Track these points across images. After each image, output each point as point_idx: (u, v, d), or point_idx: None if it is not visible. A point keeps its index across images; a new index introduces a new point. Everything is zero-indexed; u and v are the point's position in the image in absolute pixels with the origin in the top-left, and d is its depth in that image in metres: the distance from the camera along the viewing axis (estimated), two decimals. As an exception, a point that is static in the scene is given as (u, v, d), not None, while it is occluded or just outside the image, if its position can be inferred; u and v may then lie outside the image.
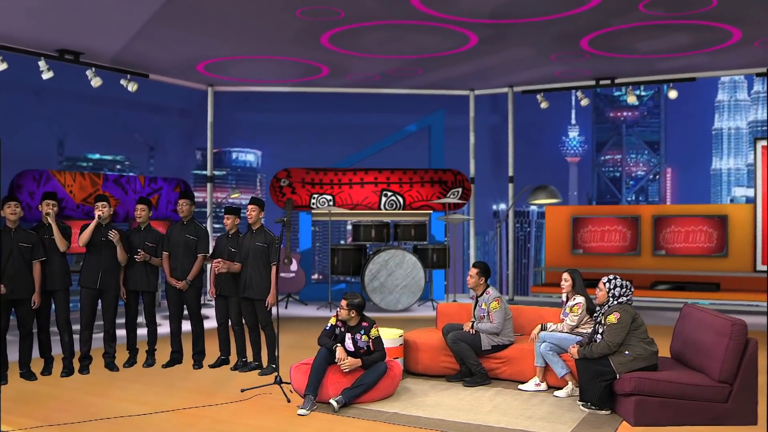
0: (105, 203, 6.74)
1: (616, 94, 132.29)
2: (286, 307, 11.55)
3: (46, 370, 6.58)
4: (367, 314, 6.00)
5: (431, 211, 12.55)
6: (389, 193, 12.66)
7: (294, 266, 11.87)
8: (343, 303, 5.79)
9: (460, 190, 12.62)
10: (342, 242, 12.89)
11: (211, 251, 7.09)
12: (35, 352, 6.58)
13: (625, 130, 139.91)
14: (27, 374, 6.41)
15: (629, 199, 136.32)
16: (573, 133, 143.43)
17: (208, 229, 11.93)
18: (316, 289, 12.58)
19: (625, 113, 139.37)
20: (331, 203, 12.47)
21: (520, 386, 6.19)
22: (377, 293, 11.04)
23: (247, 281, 6.69)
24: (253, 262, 6.67)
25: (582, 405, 5.48)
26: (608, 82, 11.98)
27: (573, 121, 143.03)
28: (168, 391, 6.06)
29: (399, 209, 12.58)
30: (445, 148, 14.25)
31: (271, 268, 6.67)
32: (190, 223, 7.05)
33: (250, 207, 6.78)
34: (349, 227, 12.09)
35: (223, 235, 7.03)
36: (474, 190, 13.05)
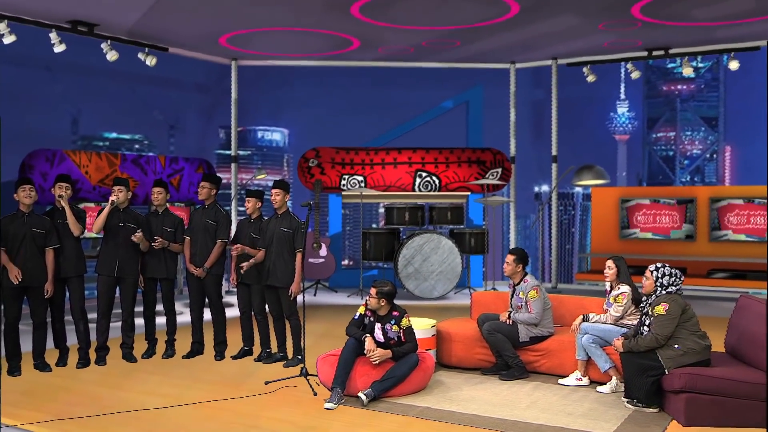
0: (122, 187, 6.77)
1: (670, 65, 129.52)
2: (314, 295, 11.58)
3: (61, 362, 6.65)
4: (400, 302, 5.96)
5: (469, 193, 12.50)
6: (424, 174, 12.60)
7: (323, 251, 11.88)
8: (373, 291, 5.76)
9: (499, 170, 12.52)
10: (374, 226, 12.90)
11: (232, 237, 7.10)
12: (49, 343, 6.65)
13: (679, 104, 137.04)
14: (41, 365, 6.48)
15: (683, 180, 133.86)
16: (622, 109, 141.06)
17: (233, 212, 12.00)
18: (347, 276, 12.59)
19: (679, 87, 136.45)
20: (362, 185, 12.44)
21: (560, 381, 6.12)
22: (411, 280, 11.02)
23: (271, 268, 6.69)
24: (278, 248, 6.67)
25: (627, 402, 5.37)
26: (661, 52, 11.66)
27: (622, 96, 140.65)
28: (189, 384, 6.09)
29: (434, 191, 12.53)
30: (483, 126, 14.17)
31: (296, 255, 6.66)
32: (212, 207, 7.06)
33: (274, 191, 6.76)
34: (382, 210, 12.09)
35: (244, 220, 7.03)
36: (514, 170, 12.92)
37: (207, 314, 7.22)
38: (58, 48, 9.75)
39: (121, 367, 6.67)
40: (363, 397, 5.41)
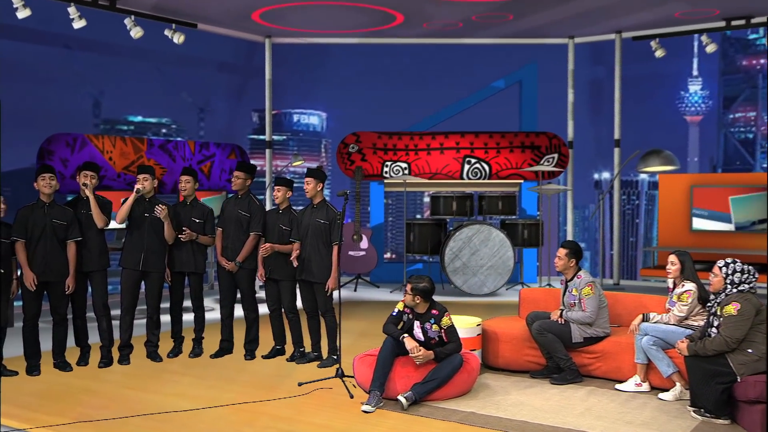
0: (148, 176, 6.85)
1: (752, 37, 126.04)
2: (355, 290, 11.61)
3: (83, 360, 6.77)
4: (446, 299, 5.93)
5: (522, 181, 12.41)
6: (473, 160, 12.53)
7: (364, 244, 11.90)
8: (408, 287, 5.77)
9: (555, 156, 12.40)
10: (418, 216, 12.88)
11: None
12: (70, 341, 6.78)
13: (761, 81, 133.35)
14: (61, 364, 6.61)
15: (765, 165, 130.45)
16: (694, 87, 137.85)
17: (267, 202, 12.09)
18: (389, 270, 12.60)
19: (761, 61, 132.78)
20: (406, 172, 12.41)
21: (618, 386, 6.04)
22: (459, 275, 10.98)
23: (306, 262, 6.72)
24: (313, 240, 6.70)
25: (693, 411, 5.25)
26: (742, 22, 11.30)
27: (695, 73, 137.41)
28: (220, 385, 6.15)
29: (484, 178, 12.47)
30: (538, 108, 13.99)
31: (332, 248, 6.67)
32: (245, 198, 7.10)
33: (306, 179, 6.78)
34: (427, 199, 12.06)
35: (272, 210, 7.07)
36: (572, 156, 12.77)
37: (238, 311, 7.30)
38: (78, 24, 9.82)
39: (146, 367, 6.77)
40: (403, 400, 5.42)
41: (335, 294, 6.72)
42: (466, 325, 6.43)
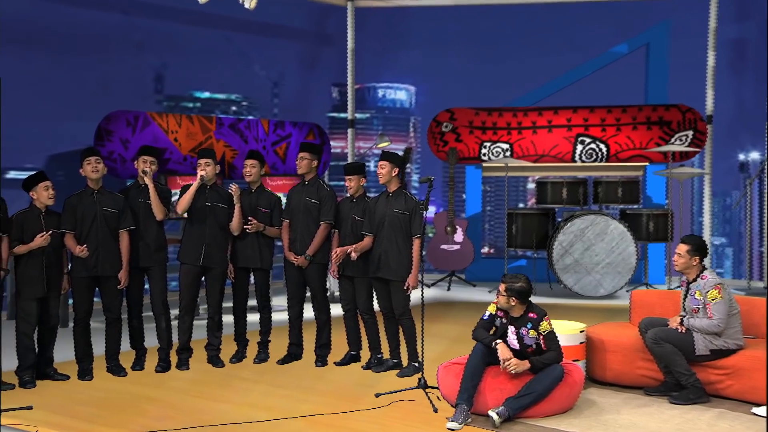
0: (209, 160, 7.05)
1: None
2: (448, 289, 11.68)
3: (138, 365, 7.04)
4: (554, 301, 5.92)
5: (647, 163, 12.30)
6: (587, 140, 12.43)
7: (459, 236, 11.95)
8: (502, 287, 5.78)
9: (690, 133, 12.21)
10: (521, 205, 12.84)
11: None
12: (125, 343, 7.04)
13: None
14: (115, 369, 6.89)
15: None
16: None
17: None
18: (487, 267, 12.63)
19: None
20: (507, 154, 12.39)
21: (754, 410, 5.88)
22: (570, 273, 10.93)
23: (382, 258, 6.80)
24: (390, 233, 6.77)
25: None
26: None
27: None
28: (296, 394, 6.31)
29: (601, 161, 12.37)
30: (669, 76, 13.70)
31: (412, 242, 6.74)
32: (313, 184, 7.22)
33: (381, 163, 6.85)
34: (532, 185, 12.05)
35: (345, 200, 7.18)
36: (711, 132, 12.46)
37: (307, 311, 7.45)
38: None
39: (212, 373, 6.98)
40: (494, 416, 5.43)
41: (415, 294, 6.78)
42: (567, 332, 6.40)
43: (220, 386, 6.56)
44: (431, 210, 7.47)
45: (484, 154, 12.48)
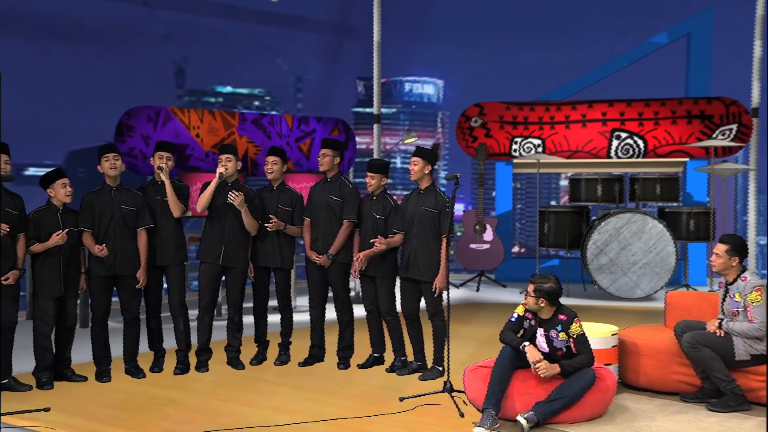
0: (231, 156, 7.13)
1: None
2: (477, 290, 11.71)
3: (156, 366, 7.14)
4: (588, 303, 5.93)
5: (687, 159, 12.25)
6: (624, 135, 12.40)
7: (488, 235, 11.96)
8: (530, 288, 5.79)
9: (734, 127, 12.20)
10: (554, 203, 12.83)
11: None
12: (143, 344, 7.13)
13: None
14: (133, 370, 6.98)
15: None
16: None
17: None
18: (518, 267, 12.64)
19: None
20: (539, 149, 12.37)
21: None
22: (605, 274, 10.91)
23: (411, 258, 6.84)
24: (419, 232, 6.82)
25: None
26: None
27: None
28: (320, 398, 6.36)
29: (638, 157, 12.33)
30: (712, 67, 13.64)
31: (440, 242, 6.78)
32: (335, 181, 7.28)
33: (414, 159, 6.91)
34: (565, 182, 12.07)
35: (366, 197, 7.23)
36: (758, 126, 12.38)
37: (329, 312, 7.51)
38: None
39: (231, 375, 7.06)
40: (523, 421, 5.44)
41: (443, 294, 6.80)
42: (599, 335, 6.39)
43: (243, 389, 6.63)
44: (459, 208, 7.49)
45: (515, 150, 12.47)
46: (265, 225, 7.19)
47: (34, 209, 6.57)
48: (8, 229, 6.19)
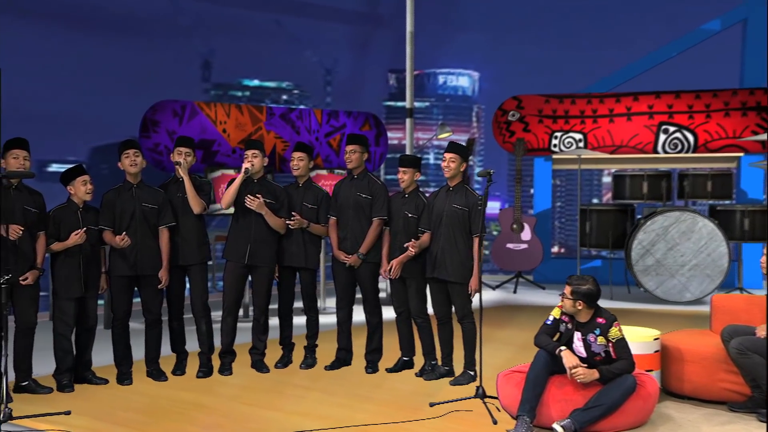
0: (257, 151, 7.21)
1: None
2: (514, 292, 11.72)
3: (179, 369, 7.23)
4: (631, 306, 5.92)
5: (741, 154, 12.18)
6: (672, 128, 12.34)
7: (526, 234, 11.96)
8: (567, 289, 5.78)
9: (792, 120, 11.98)
10: (596, 201, 12.82)
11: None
12: (164, 346, 7.22)
13: None
14: (155, 373, 7.09)
15: None
16: None
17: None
18: (558, 267, 12.62)
19: None
20: (581, 144, 12.35)
21: None
22: (651, 275, 10.87)
23: (439, 257, 6.87)
24: (448, 231, 6.85)
25: None
26: None
27: None
28: (351, 403, 6.42)
29: (687, 151, 12.25)
30: (770, 56, 13.51)
31: (473, 242, 6.82)
32: (363, 177, 7.34)
33: (448, 155, 6.95)
34: (608, 179, 12.08)
35: (397, 195, 7.27)
36: (818, 119, 12.26)
37: (357, 314, 7.58)
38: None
39: (258, 379, 7.13)
40: (559, 429, 5.46)
41: (475, 296, 6.84)
42: (639, 339, 6.38)
43: (270, 393, 6.71)
44: (495, 206, 7.53)
45: (555, 145, 12.45)
46: (287, 222, 7.25)
47: (54, 207, 6.67)
48: (21, 230, 6.27)
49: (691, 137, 12.27)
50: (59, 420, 5.79)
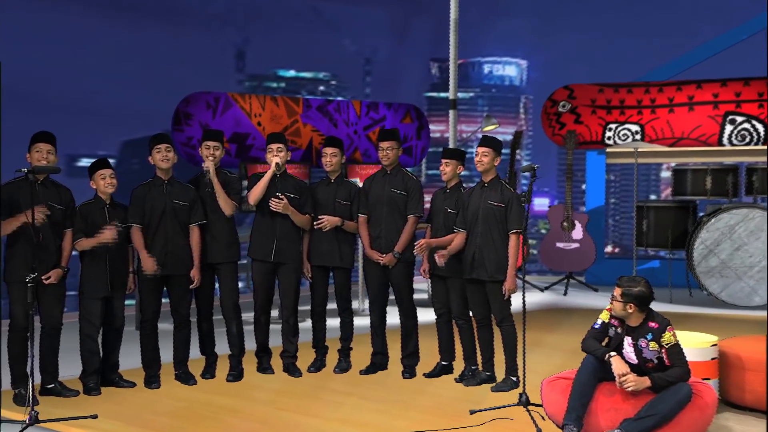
0: (281, 145, 7.32)
1: None
2: (564, 294, 11.74)
3: (208, 372, 7.35)
4: (693, 310, 5.90)
5: (817, 147, 11.92)
6: (739, 119, 12.24)
7: (578, 233, 11.95)
8: (617, 291, 5.75)
9: None
10: (654, 197, 12.78)
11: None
12: (193, 348, 7.34)
13: None
14: (184, 376, 7.22)
15: None
16: None
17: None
18: (612, 268, 12.56)
19: None
20: (637, 137, 12.31)
21: None
22: (715, 278, 10.83)
23: (476, 256, 6.92)
24: (485, 229, 6.89)
25: None
26: None
27: None
28: (391, 410, 6.49)
29: (757, 144, 12.13)
30: None
31: (509, 239, 6.86)
32: (397, 173, 7.41)
33: (481, 150, 6.98)
34: (667, 174, 12.02)
35: (439, 191, 7.33)
36: None
37: (392, 317, 7.64)
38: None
39: (294, 384, 7.23)
40: (610, 439, 5.47)
41: (512, 298, 6.91)
42: (695, 345, 6.35)
43: (307, 398, 6.80)
44: (544, 202, 7.57)
45: (609, 138, 12.42)
46: (315, 225, 7.35)
47: (81, 203, 6.80)
48: (48, 213, 6.37)
49: (761, 128, 12.14)
50: (86, 424, 5.92)
